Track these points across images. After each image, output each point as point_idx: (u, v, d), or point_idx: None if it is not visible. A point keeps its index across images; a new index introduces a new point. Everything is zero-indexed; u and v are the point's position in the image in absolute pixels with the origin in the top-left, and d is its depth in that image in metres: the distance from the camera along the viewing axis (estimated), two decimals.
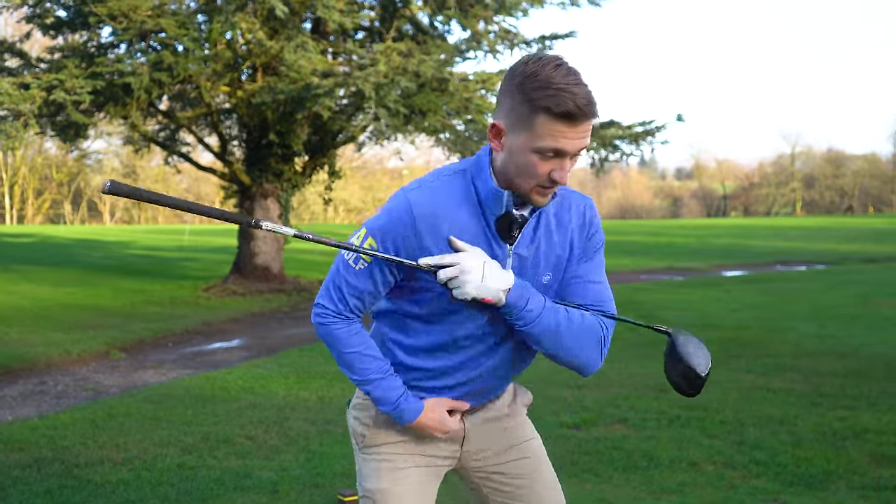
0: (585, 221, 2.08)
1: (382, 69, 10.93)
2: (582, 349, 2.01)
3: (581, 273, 2.07)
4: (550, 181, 1.87)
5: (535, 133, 1.82)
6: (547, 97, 1.79)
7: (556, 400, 6.49)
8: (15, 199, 56.16)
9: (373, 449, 2.15)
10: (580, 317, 2.00)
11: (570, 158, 1.86)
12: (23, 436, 5.67)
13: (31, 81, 10.59)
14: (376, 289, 2.02)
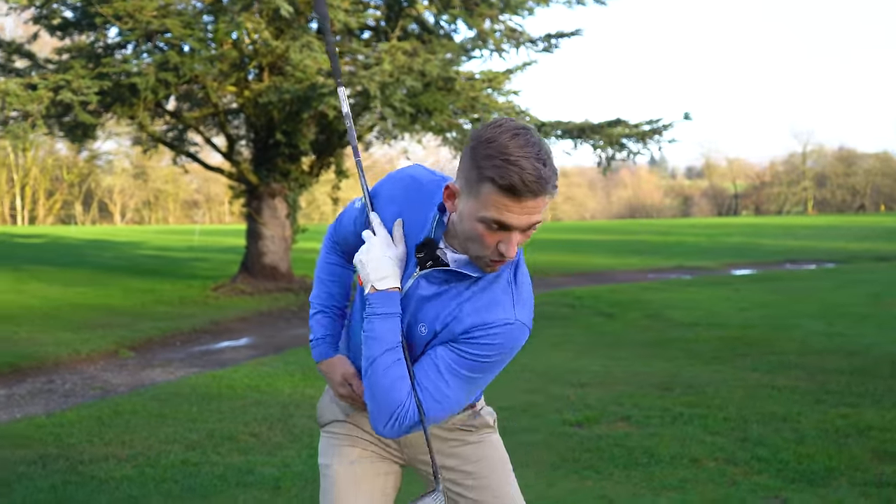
0: (475, 325, 1.91)
1: (387, 68, 10.95)
2: (375, 399, 1.91)
3: (438, 352, 1.94)
4: (498, 254, 1.81)
5: (481, 201, 1.76)
6: (493, 167, 1.72)
7: (560, 398, 6.50)
8: (26, 201, 56.49)
9: (325, 427, 2.28)
10: (397, 377, 1.90)
11: (520, 232, 1.80)
12: (29, 433, 5.71)
13: (39, 82, 10.66)
14: (350, 239, 2.18)
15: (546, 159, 1.73)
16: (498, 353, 1.94)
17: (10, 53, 13.44)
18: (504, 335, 1.92)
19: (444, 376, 1.92)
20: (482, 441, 2.31)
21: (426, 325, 1.94)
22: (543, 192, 1.72)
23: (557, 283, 16.89)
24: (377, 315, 1.92)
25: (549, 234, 29.36)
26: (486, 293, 1.93)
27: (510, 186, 1.70)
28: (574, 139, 14.59)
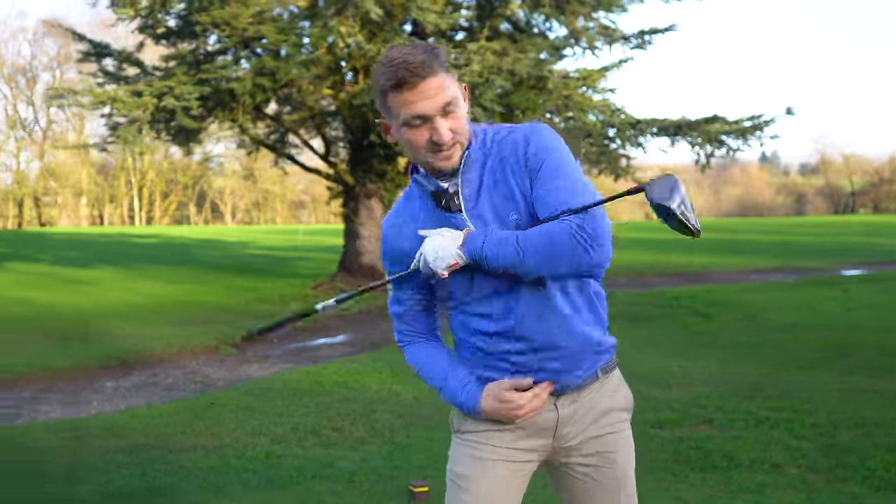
0: (520, 150, 2.02)
1: (476, 69, 11.00)
2: (555, 255, 1.90)
3: (538, 194, 1.99)
4: (434, 145, 1.95)
5: (394, 114, 1.96)
6: (383, 78, 1.93)
7: (645, 398, 6.39)
8: (143, 202, 59.09)
9: (461, 434, 2.17)
10: (541, 230, 1.92)
11: (441, 117, 1.93)
12: (129, 424, 6.02)
13: (144, 89, 11.17)
14: (409, 305, 2.18)
15: (413, 48, 1.93)
16: (557, 141, 2.06)
17: (121, 62, 14.11)
18: (537, 128, 2.06)
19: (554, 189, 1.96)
20: (626, 430, 2.26)
21: (512, 210, 2.00)
22: (425, 73, 1.89)
23: (654, 282, 16.60)
24: (491, 248, 1.94)
25: (645, 233, 28.82)
26: (498, 140, 2.06)
27: (394, 80, 1.90)
28: (670, 136, 14.32)
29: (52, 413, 7.04)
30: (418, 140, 1.95)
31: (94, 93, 11.82)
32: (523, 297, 2.01)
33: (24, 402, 7.49)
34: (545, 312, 2.03)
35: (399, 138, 2.01)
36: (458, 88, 1.98)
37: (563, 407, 2.11)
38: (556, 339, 2.05)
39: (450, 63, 2.02)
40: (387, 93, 1.94)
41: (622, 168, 14.22)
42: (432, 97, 1.90)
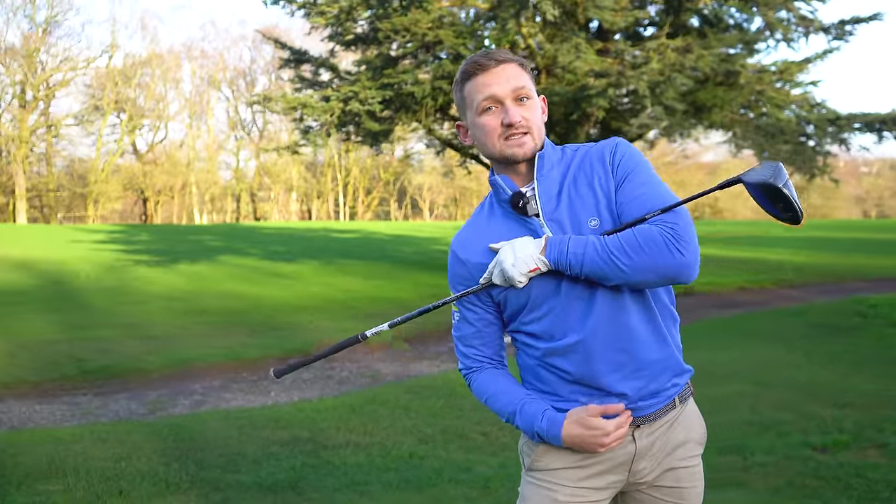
0: (606, 159, 2.02)
1: (656, 67, 10.68)
2: (649, 258, 1.84)
3: (622, 199, 1.97)
4: (506, 127, 1.96)
5: (469, 101, 2.02)
6: (461, 69, 2.03)
7: (813, 418, 6.01)
8: (348, 198, 61.93)
9: (535, 473, 2.09)
10: (628, 231, 1.88)
11: (513, 102, 1.97)
12: (293, 416, 6.36)
13: (331, 94, 11.71)
14: (478, 327, 2.11)
15: (500, 50, 2.05)
16: (642, 155, 2.08)
17: (318, 67, 14.86)
18: (623, 141, 2.08)
19: (640, 193, 1.96)
20: (699, 464, 2.17)
21: (593, 216, 1.97)
22: (501, 58, 1.98)
23: (852, 288, 15.45)
24: (576, 252, 1.90)
25: (849, 232, 26.84)
26: (581, 150, 2.08)
27: (471, 67, 1.99)
28: (876, 132, 13.27)
29: (233, 401, 7.56)
30: (491, 124, 1.98)
31: (286, 98, 12.54)
32: (602, 315, 1.95)
33: (212, 390, 8.09)
34: (624, 331, 1.97)
35: (473, 132, 2.05)
36: (534, 88, 2.03)
37: (641, 439, 2.04)
38: (633, 360, 1.99)
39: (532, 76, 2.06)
40: (464, 82, 2.02)
41: (818, 168, 13.35)
42: (505, 81, 1.96)
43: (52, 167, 58.78)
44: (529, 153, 1.99)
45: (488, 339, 2.13)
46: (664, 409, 2.05)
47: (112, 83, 58.93)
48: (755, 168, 1.91)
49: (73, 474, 4.74)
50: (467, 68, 2.00)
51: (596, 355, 1.97)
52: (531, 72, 2.06)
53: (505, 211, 2.06)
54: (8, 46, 56.08)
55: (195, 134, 63.19)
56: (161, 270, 18.82)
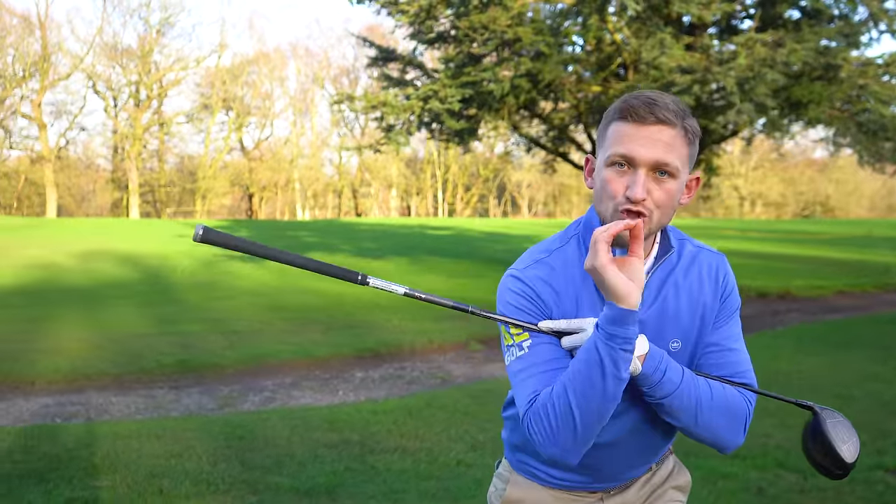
0: (719, 282, 1.85)
1: (743, 63, 10.26)
2: (724, 426, 1.76)
3: (717, 340, 1.82)
4: (626, 200, 1.66)
5: (606, 144, 1.72)
6: (617, 103, 1.72)
7: (891, 436, 5.64)
8: (447, 194, 62.25)
9: None
10: (722, 389, 1.75)
11: (649, 173, 1.66)
12: (347, 417, 6.36)
13: (411, 93, 11.72)
14: (555, 356, 1.76)
15: (673, 99, 1.71)
16: (734, 285, 1.91)
17: (405, 65, 14.92)
18: (727, 263, 1.92)
19: (735, 348, 1.84)
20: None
21: (677, 338, 1.80)
22: (663, 118, 1.65)
23: None
24: (671, 380, 1.70)
25: None
26: (686, 251, 1.87)
27: (627, 110, 1.68)
28: None
29: (302, 399, 7.63)
30: (613, 187, 1.68)
31: (367, 97, 12.63)
32: (638, 417, 1.84)
33: (282, 387, 8.19)
34: (651, 433, 1.89)
35: (596, 178, 1.76)
36: (686, 164, 1.72)
37: (610, 499, 1.99)
38: (649, 455, 1.95)
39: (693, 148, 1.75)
40: (612, 120, 1.73)
41: None
42: (652, 147, 1.66)
43: (164, 164, 61.23)
44: (639, 240, 1.67)
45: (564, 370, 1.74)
46: (640, 476, 2.01)
47: (220, 82, 60.95)
48: (840, 420, 1.73)
49: (122, 470, 4.86)
50: (623, 108, 1.69)
51: (621, 456, 1.90)
52: (696, 138, 1.74)
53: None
54: (124, 48, 58.68)
55: (299, 131, 64.70)
56: (252, 266, 19.27)
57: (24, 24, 53.79)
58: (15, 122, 55.93)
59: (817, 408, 1.75)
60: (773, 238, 34.29)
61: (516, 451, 2.02)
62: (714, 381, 1.76)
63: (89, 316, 12.20)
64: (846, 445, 1.69)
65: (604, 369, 1.58)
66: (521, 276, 1.80)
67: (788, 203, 73.31)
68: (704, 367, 1.82)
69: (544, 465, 1.95)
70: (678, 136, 1.67)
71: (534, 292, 1.77)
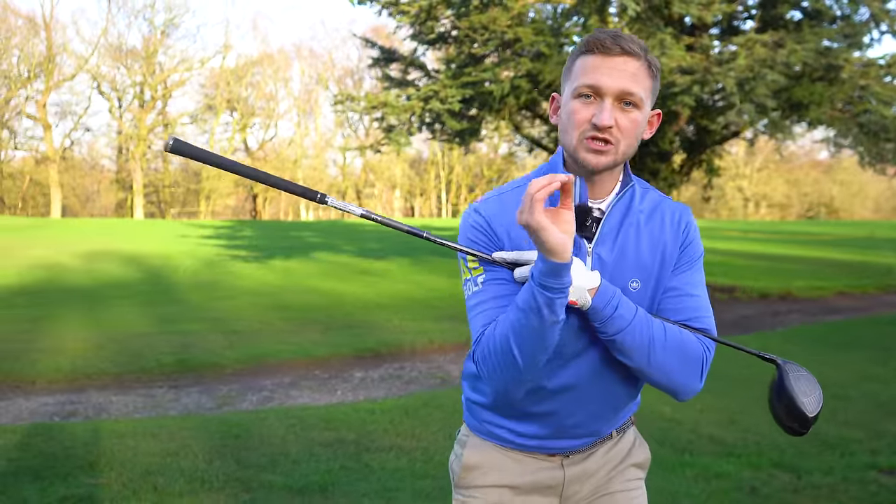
0: (681, 229, 1.88)
1: (743, 63, 10.25)
2: (679, 369, 1.77)
3: (676, 285, 1.85)
4: (593, 127, 1.71)
5: (572, 77, 1.76)
6: (582, 41, 1.77)
7: (886, 436, 5.64)
8: (451, 195, 62.24)
9: (464, 490, 2.03)
10: (678, 332, 1.77)
11: (615, 102, 1.70)
12: (344, 417, 6.38)
13: (412, 93, 11.73)
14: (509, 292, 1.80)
15: (633, 36, 1.75)
16: (701, 243, 1.95)
17: (407, 66, 14.92)
18: (693, 221, 1.94)
19: (695, 294, 1.86)
20: (640, 489, 2.08)
21: (637, 278, 1.82)
22: (628, 49, 1.71)
23: None
24: (622, 316, 1.72)
25: None
26: (648, 196, 1.90)
27: (593, 44, 1.72)
28: None
29: (299, 399, 7.65)
30: (580, 115, 1.72)
31: (368, 98, 12.65)
32: (597, 360, 1.84)
33: (281, 386, 8.21)
34: (585, 390, 1.88)
35: (563, 112, 1.78)
36: (648, 98, 1.77)
37: (571, 466, 1.98)
38: (609, 410, 1.95)
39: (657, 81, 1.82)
40: (578, 54, 1.76)
41: None
42: (618, 75, 1.70)
43: (168, 164, 61.31)
44: (601, 166, 1.75)
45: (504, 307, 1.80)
46: (599, 441, 2.00)
47: (225, 83, 61.05)
48: (803, 376, 1.76)
49: (118, 468, 4.88)
50: (588, 43, 1.73)
51: (582, 401, 1.89)
52: (658, 75, 1.80)
53: None
54: (129, 48, 58.81)
55: (303, 132, 64.77)
56: (255, 266, 19.32)
57: (30, 24, 53.94)
58: (20, 123, 56.08)
59: (780, 360, 1.78)
60: (775, 239, 34.26)
61: (476, 410, 2.01)
62: (671, 324, 1.78)
63: (91, 316, 12.25)
64: (808, 399, 1.71)
65: (541, 314, 1.61)
66: (479, 209, 1.86)
67: (793, 204, 73.17)
68: (664, 311, 1.84)
69: (505, 419, 1.94)
70: (642, 67, 1.73)
71: (489, 226, 1.82)
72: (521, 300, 1.65)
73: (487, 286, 1.80)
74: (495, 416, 1.96)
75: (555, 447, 1.95)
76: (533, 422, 1.92)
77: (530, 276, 1.63)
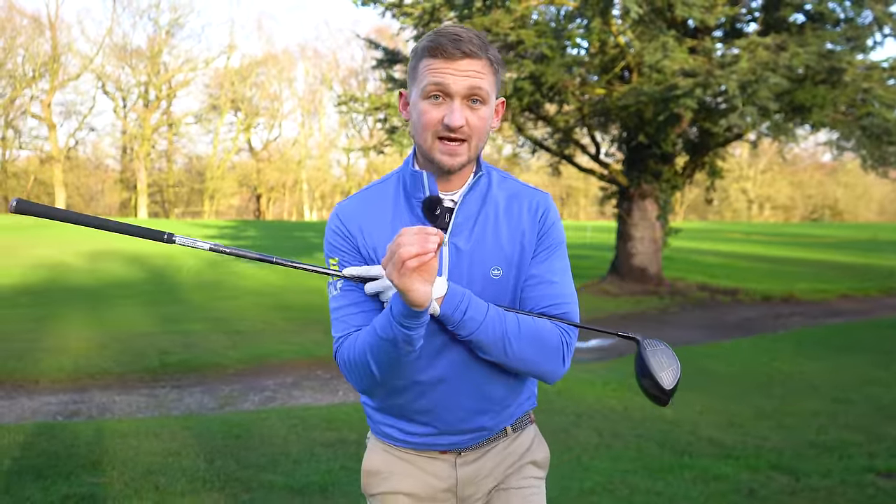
0: (538, 217, 1.91)
1: (745, 66, 10.26)
2: (537, 358, 1.81)
3: (536, 273, 1.88)
4: (445, 128, 1.75)
5: (419, 78, 1.79)
6: (425, 41, 1.78)
7: (885, 440, 5.66)
8: None
9: (369, 498, 2.07)
10: (532, 322, 1.81)
11: (463, 101, 1.75)
12: (346, 417, 6.41)
13: None
14: (366, 307, 1.86)
15: (472, 30, 1.78)
16: (562, 230, 1.98)
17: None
18: (553, 204, 1.97)
19: (555, 281, 1.89)
20: (539, 487, 2.09)
21: (498, 265, 1.86)
22: (469, 51, 1.73)
23: None
24: (473, 318, 1.76)
25: None
26: (513, 188, 1.94)
27: (434, 48, 1.74)
28: None
29: (301, 399, 7.67)
30: (430, 117, 1.77)
31: (371, 99, 12.68)
32: (460, 353, 1.86)
33: (283, 386, 8.23)
34: (478, 372, 1.89)
35: (412, 112, 1.83)
36: (493, 91, 1.82)
37: (464, 466, 1.99)
38: (483, 400, 1.93)
39: (503, 72, 1.87)
40: (421, 56, 1.79)
41: None
42: (465, 76, 1.74)
43: (173, 164, 61.41)
44: (457, 166, 1.80)
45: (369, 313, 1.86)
46: (493, 438, 2.01)
47: (229, 83, 61.12)
48: (659, 351, 1.83)
49: (119, 467, 4.91)
50: (430, 45, 1.76)
51: (455, 395, 1.90)
52: (501, 68, 1.84)
53: (410, 205, 1.88)
54: (134, 48, 58.93)
55: (307, 132, 64.83)
56: (258, 266, 19.35)
57: (35, 24, 54.07)
58: (25, 123, 56.31)
59: (639, 337, 1.84)
60: (778, 241, 34.22)
61: (370, 412, 2.05)
62: (525, 315, 1.81)
63: (94, 315, 12.29)
64: (664, 372, 1.78)
65: (398, 346, 1.66)
66: (337, 212, 1.91)
67: (797, 206, 73.09)
68: (525, 300, 1.87)
69: (394, 419, 1.97)
70: (485, 65, 1.76)
71: (346, 229, 1.87)
72: (379, 327, 1.69)
73: (345, 292, 1.86)
74: (385, 417, 1.99)
75: (444, 444, 1.96)
76: (417, 419, 1.94)
77: (389, 310, 1.65)
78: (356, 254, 1.87)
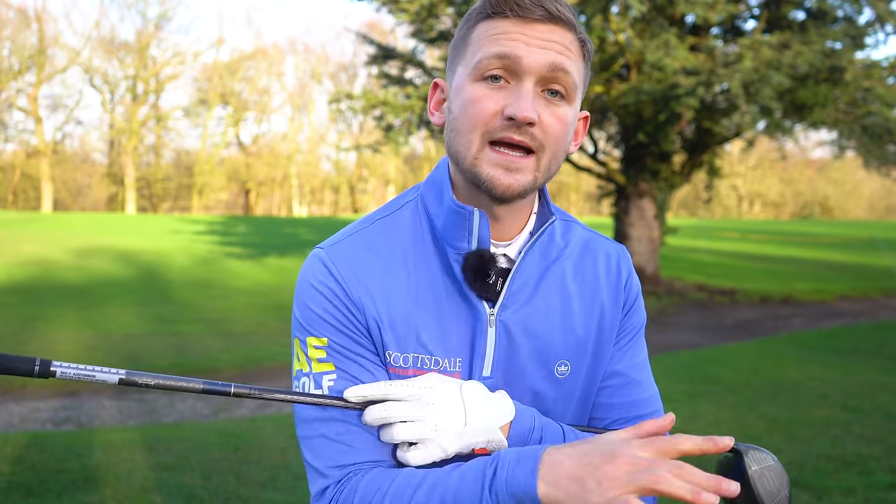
0: (622, 282, 1.32)
1: (748, 65, 10.11)
2: None
3: (620, 369, 1.31)
4: (505, 124, 1.12)
5: (470, 52, 1.17)
6: (484, 2, 1.17)
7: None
8: None
9: None
10: None
11: (539, 86, 1.14)
12: None
13: (411, 92, 11.55)
14: None
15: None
16: (639, 287, 1.40)
17: (405, 63, 14.74)
18: (630, 258, 1.40)
19: (641, 379, 1.33)
20: None
21: (566, 359, 1.26)
22: (556, 13, 1.13)
23: None
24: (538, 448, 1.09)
25: None
26: (575, 236, 1.33)
27: (498, 3, 1.14)
28: None
29: None
30: (483, 107, 1.14)
31: (367, 96, 12.47)
32: None
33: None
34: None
35: (453, 104, 1.19)
36: (581, 88, 1.21)
37: None
38: None
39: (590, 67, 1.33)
40: (477, 20, 1.17)
41: None
42: (543, 49, 1.13)
43: (161, 158, 61.03)
44: (515, 190, 1.15)
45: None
46: None
47: (218, 76, 60.72)
48: (769, 464, 1.16)
49: (113, 484, 4.70)
50: (496, 2, 1.15)
51: None
52: (590, 58, 1.22)
53: (442, 258, 1.23)
54: (121, 41, 58.46)
55: (297, 127, 64.51)
56: (250, 264, 19.12)
57: (21, 16, 53.52)
58: (11, 116, 55.66)
59: (741, 448, 1.19)
60: (774, 240, 34.20)
61: None
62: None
63: (84, 316, 12.04)
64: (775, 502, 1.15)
65: None
66: (325, 259, 1.22)
67: (787, 203, 73.28)
68: (605, 406, 1.31)
69: None
70: (574, 42, 1.17)
71: (341, 289, 1.20)
72: (458, 489, 1.07)
73: (330, 421, 1.18)
74: None
75: None
76: None
77: (492, 474, 1.05)
78: (362, 335, 1.20)
